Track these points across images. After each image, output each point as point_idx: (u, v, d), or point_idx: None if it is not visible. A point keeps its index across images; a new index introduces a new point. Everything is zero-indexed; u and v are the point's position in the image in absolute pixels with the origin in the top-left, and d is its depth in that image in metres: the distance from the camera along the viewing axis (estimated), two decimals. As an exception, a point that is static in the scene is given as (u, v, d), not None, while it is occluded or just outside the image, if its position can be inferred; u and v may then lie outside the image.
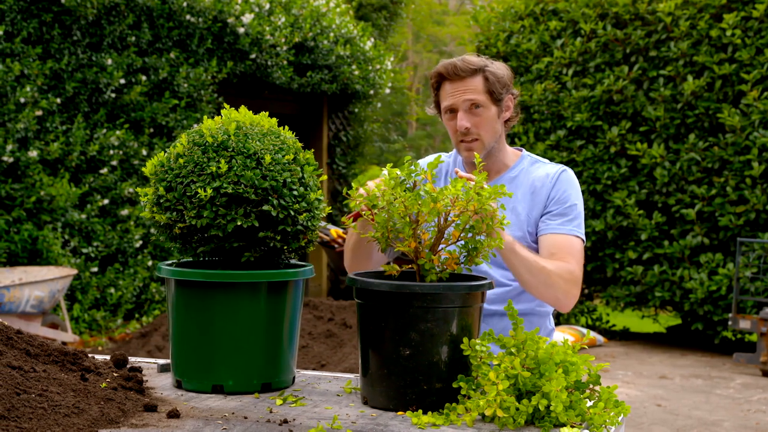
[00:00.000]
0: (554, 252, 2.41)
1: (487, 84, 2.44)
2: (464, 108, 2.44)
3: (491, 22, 10.28)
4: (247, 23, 9.55)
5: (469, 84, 2.44)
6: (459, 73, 2.44)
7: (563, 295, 2.37)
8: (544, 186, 2.49)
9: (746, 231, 8.43)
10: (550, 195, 2.47)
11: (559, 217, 2.45)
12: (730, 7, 8.58)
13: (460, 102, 2.45)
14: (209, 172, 1.86)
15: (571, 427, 1.66)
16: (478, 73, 2.45)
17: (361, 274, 1.90)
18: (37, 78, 7.77)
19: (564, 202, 2.47)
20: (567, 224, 2.45)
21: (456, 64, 2.45)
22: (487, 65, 2.46)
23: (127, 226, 8.61)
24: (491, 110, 2.47)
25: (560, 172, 2.51)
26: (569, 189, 2.49)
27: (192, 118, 9.19)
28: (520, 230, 2.47)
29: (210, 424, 1.67)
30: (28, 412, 1.55)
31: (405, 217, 1.83)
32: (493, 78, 2.45)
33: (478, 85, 2.44)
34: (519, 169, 2.55)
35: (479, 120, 2.45)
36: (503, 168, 2.56)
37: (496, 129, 2.50)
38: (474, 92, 2.44)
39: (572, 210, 2.46)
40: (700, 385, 7.19)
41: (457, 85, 2.45)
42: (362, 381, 1.87)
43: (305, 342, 6.61)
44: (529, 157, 2.59)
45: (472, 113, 2.45)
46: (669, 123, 8.79)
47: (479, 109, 2.45)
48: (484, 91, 2.44)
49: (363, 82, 11.61)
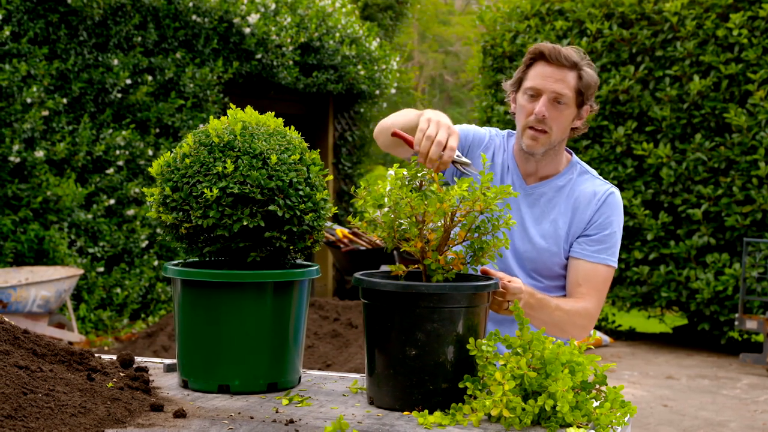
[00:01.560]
0: (581, 284, 2.37)
1: (579, 83, 2.37)
2: (550, 96, 2.34)
3: (497, 22, 10.27)
4: (252, 23, 9.55)
5: (564, 75, 2.35)
6: (561, 60, 2.34)
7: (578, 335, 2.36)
8: (589, 206, 2.40)
9: (753, 231, 8.41)
10: (593, 218, 2.40)
11: (597, 243, 2.39)
12: (736, 6, 8.55)
13: (549, 88, 2.34)
14: (215, 172, 1.86)
15: (578, 427, 1.66)
16: (575, 69, 2.36)
17: (367, 274, 1.90)
18: (43, 78, 7.79)
19: (605, 228, 2.39)
20: (602, 252, 2.38)
21: (560, 50, 2.35)
22: (584, 65, 2.39)
23: (134, 226, 8.62)
24: (571, 110, 2.38)
25: (608, 194, 2.42)
26: (613, 215, 2.41)
27: (198, 118, 9.21)
28: (557, 245, 2.40)
29: (216, 423, 1.67)
30: (35, 412, 1.56)
31: (411, 217, 1.83)
32: (587, 80, 2.38)
33: (571, 80, 2.36)
34: (567, 178, 2.45)
35: (557, 114, 2.36)
36: (552, 172, 2.46)
37: (566, 130, 2.41)
38: (566, 85, 2.35)
39: (611, 238, 2.39)
40: (707, 385, 7.17)
41: (553, 71, 2.35)
42: (368, 381, 1.87)
43: (311, 342, 6.62)
44: (578, 165, 2.49)
45: (553, 105, 2.35)
46: (675, 123, 8.77)
47: (562, 104, 2.36)
48: (574, 89, 2.36)
49: (369, 82, 11.61)
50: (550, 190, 2.43)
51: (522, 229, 2.42)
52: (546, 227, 2.41)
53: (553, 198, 2.43)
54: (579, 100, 2.38)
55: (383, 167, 16.36)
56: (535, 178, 2.46)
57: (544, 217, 2.42)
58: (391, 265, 1.96)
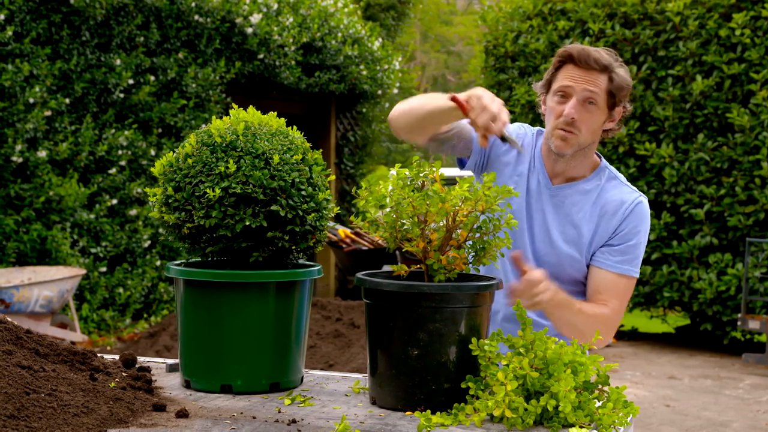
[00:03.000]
0: (600, 291, 2.33)
1: (610, 85, 2.32)
2: (580, 98, 2.30)
3: (499, 22, 10.27)
4: (255, 23, 9.56)
5: (594, 77, 2.31)
6: (590, 62, 2.30)
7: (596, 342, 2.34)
8: (615, 215, 2.36)
9: (755, 231, 8.40)
10: (619, 227, 2.35)
11: (620, 254, 2.34)
12: (739, 6, 8.55)
13: (579, 89, 2.30)
14: (218, 172, 1.86)
15: (580, 427, 1.65)
16: (606, 71, 2.31)
17: (369, 274, 1.90)
18: (46, 78, 7.80)
19: (630, 239, 2.35)
20: (625, 263, 2.34)
21: (590, 53, 2.31)
22: (615, 66, 2.34)
23: (136, 226, 8.63)
24: (602, 112, 2.33)
25: (636, 203, 2.37)
26: (640, 225, 2.36)
27: (200, 119, 9.21)
28: (579, 252, 2.36)
29: (218, 423, 1.67)
30: (37, 412, 1.56)
31: (413, 217, 1.83)
32: (618, 82, 2.32)
33: (602, 82, 2.31)
34: (595, 183, 2.40)
35: (587, 116, 2.32)
36: (580, 175, 2.41)
37: (597, 132, 2.36)
38: (596, 87, 2.30)
39: (635, 249, 2.35)
40: (709, 385, 7.17)
41: (582, 72, 2.31)
42: (371, 381, 1.87)
43: (313, 342, 6.62)
44: (607, 170, 2.44)
45: (583, 106, 2.31)
46: (678, 123, 8.76)
47: (592, 105, 2.31)
48: (605, 91, 2.31)
49: (371, 82, 11.61)
50: (576, 193, 2.39)
51: (544, 231, 2.38)
52: (569, 232, 2.37)
53: (579, 202, 2.38)
54: (610, 102, 2.34)
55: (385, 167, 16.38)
56: (561, 179, 2.41)
57: (568, 221, 2.38)
58: (393, 265, 1.96)
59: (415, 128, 2.36)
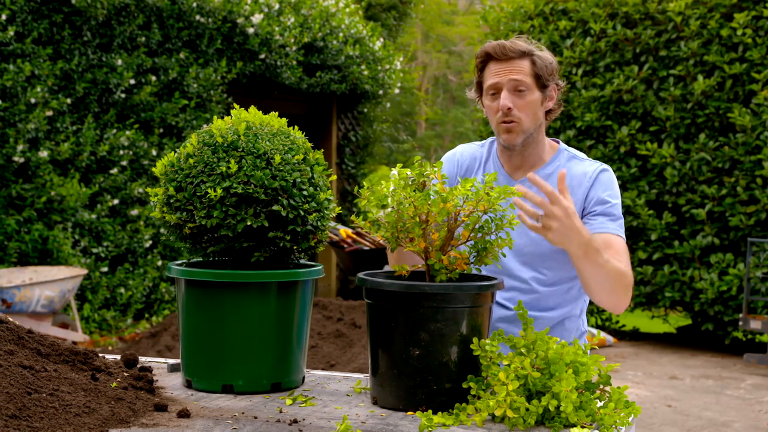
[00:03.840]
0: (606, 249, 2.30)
1: (534, 68, 2.37)
2: (509, 88, 2.36)
3: (500, 22, 10.26)
4: (256, 23, 9.56)
5: (516, 65, 2.37)
6: (507, 53, 2.37)
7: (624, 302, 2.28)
8: (581, 185, 2.39)
9: (757, 231, 8.40)
10: (588, 195, 2.38)
11: (602, 216, 2.36)
12: (740, 6, 8.54)
13: (505, 81, 2.36)
14: (219, 172, 1.86)
15: (582, 427, 1.65)
16: (525, 56, 2.38)
17: (370, 274, 1.90)
18: (47, 78, 7.80)
19: (604, 202, 2.37)
20: (611, 223, 2.35)
21: (504, 44, 2.38)
22: (534, 50, 2.39)
23: (137, 226, 8.63)
24: (535, 95, 2.38)
25: (599, 171, 2.42)
26: (609, 189, 2.39)
27: (201, 119, 9.21)
28: None
29: (220, 423, 1.67)
30: (39, 412, 1.56)
31: (415, 217, 1.83)
32: (541, 63, 2.38)
33: (525, 67, 2.37)
34: (555, 166, 2.45)
35: (522, 103, 2.37)
36: (539, 162, 2.46)
37: (537, 115, 2.41)
38: (520, 73, 2.36)
39: (614, 210, 2.37)
40: (711, 385, 7.16)
41: (503, 65, 2.37)
42: (372, 381, 1.87)
43: (315, 342, 6.62)
44: (566, 151, 2.49)
45: (515, 95, 2.37)
46: (679, 123, 8.76)
47: (523, 92, 2.37)
48: (531, 74, 2.37)
49: (372, 82, 11.61)
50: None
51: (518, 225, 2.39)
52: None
53: None
54: (539, 83, 2.39)
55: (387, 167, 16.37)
56: (522, 171, 2.45)
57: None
58: (395, 265, 1.96)
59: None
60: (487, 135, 10.38)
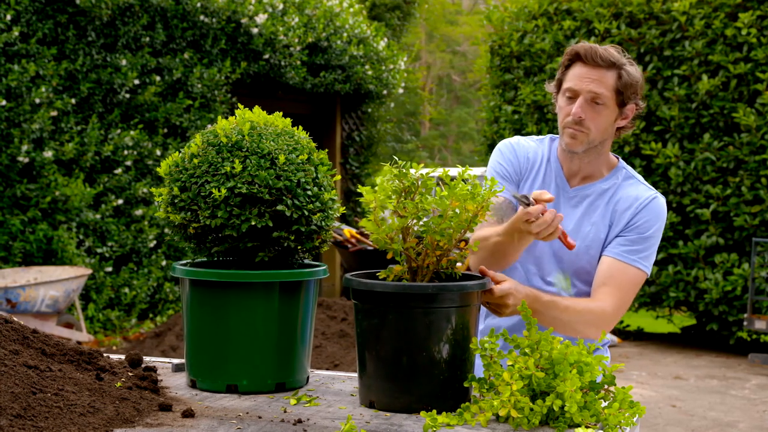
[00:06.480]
0: (606, 283, 2.31)
1: (619, 82, 2.30)
2: (586, 98, 2.30)
3: (505, 22, 10.26)
4: (260, 24, 9.56)
5: (602, 75, 2.30)
6: (597, 59, 2.29)
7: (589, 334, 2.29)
8: (629, 209, 2.36)
9: (761, 231, 8.38)
10: (631, 220, 2.35)
11: (631, 244, 2.34)
12: (745, 5, 8.53)
13: (585, 89, 2.30)
14: (223, 172, 1.86)
15: (586, 427, 1.65)
16: (614, 68, 2.30)
17: (357, 274, 1.90)
18: (52, 79, 7.82)
19: (643, 231, 2.34)
20: (635, 254, 2.33)
21: (597, 50, 2.30)
22: (625, 64, 2.32)
23: (142, 226, 8.64)
24: (611, 110, 2.33)
25: (651, 199, 2.37)
26: (653, 220, 2.35)
27: (206, 119, 9.22)
28: (596, 249, 2.37)
29: (224, 423, 1.67)
30: (44, 411, 1.56)
31: (402, 218, 1.83)
32: (627, 79, 2.31)
33: (609, 79, 2.30)
34: (611, 182, 2.41)
35: (595, 115, 2.31)
36: (597, 174, 2.42)
37: (607, 131, 2.36)
38: (602, 86, 2.29)
39: (646, 241, 2.34)
40: (715, 385, 7.15)
41: (589, 71, 2.31)
42: (360, 382, 1.87)
43: (319, 342, 6.62)
44: (624, 170, 2.45)
45: (591, 106, 2.31)
46: (684, 122, 8.75)
47: (600, 105, 2.31)
48: (613, 89, 2.30)
49: (376, 82, 11.61)
50: (593, 194, 2.39)
51: None
52: (586, 230, 2.37)
53: (595, 201, 2.39)
54: (619, 99, 2.33)
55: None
56: (578, 179, 2.42)
57: (585, 219, 2.38)
58: (393, 266, 1.96)
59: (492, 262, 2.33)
60: (491, 135, 10.38)
